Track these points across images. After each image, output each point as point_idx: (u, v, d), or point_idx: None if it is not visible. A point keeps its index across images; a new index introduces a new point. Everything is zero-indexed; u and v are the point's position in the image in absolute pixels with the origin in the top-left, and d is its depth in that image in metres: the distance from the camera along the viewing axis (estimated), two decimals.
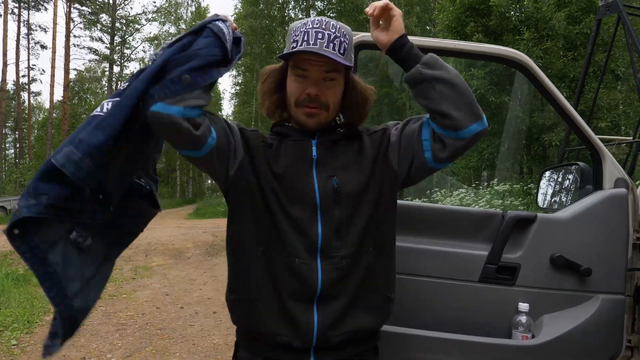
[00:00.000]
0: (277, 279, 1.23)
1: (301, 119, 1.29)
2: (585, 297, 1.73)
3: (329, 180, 1.26)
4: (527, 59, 1.79)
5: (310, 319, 1.22)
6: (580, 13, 11.07)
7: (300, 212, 1.24)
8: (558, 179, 2.30)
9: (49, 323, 1.06)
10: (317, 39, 1.21)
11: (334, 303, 1.24)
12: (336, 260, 1.24)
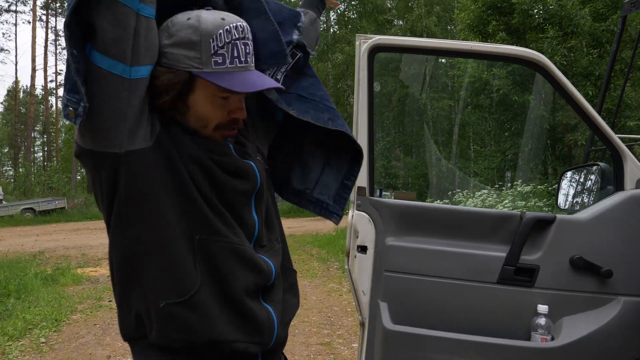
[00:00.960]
0: (223, 269, 1.00)
1: (217, 139, 1.06)
2: (606, 299, 1.71)
3: (259, 161, 1.14)
4: (544, 59, 1.77)
5: (270, 315, 1.05)
6: (605, 10, 10.84)
7: (236, 197, 1.05)
8: (579, 179, 2.27)
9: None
10: (246, 54, 1.02)
11: (276, 293, 1.10)
12: (270, 245, 1.12)
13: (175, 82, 0.99)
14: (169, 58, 0.99)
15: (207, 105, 1.02)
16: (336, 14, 29.19)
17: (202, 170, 1.01)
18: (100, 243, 11.72)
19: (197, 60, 0.98)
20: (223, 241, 1.00)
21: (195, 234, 0.99)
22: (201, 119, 1.03)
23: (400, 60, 18.19)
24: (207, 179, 1.01)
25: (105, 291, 6.64)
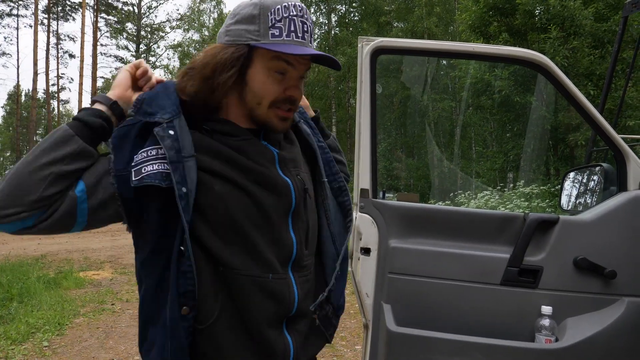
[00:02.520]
0: (244, 302, 1.01)
1: (272, 120, 1.07)
2: (610, 300, 1.70)
3: (298, 179, 1.12)
4: (546, 60, 1.77)
5: (287, 344, 1.05)
6: (607, 10, 10.84)
7: (273, 216, 1.05)
8: (582, 180, 2.26)
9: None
10: (304, 31, 1.04)
11: (301, 322, 1.10)
12: (305, 271, 1.11)
13: (236, 56, 1.02)
14: (231, 35, 1.04)
15: (264, 78, 1.04)
16: (337, 16, 29.24)
17: (234, 188, 1.02)
18: (103, 246, 11.73)
19: (255, 32, 1.02)
20: (245, 274, 1.01)
21: (219, 266, 1.00)
22: (257, 95, 1.05)
23: (401, 62, 18.20)
24: (243, 195, 1.02)
25: (107, 294, 6.64)
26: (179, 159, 0.96)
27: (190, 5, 37.28)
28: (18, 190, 0.89)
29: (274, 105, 1.06)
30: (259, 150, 1.08)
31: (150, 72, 1.09)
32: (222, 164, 1.02)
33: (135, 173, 0.96)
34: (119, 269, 8.68)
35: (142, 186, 0.96)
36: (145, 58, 34.74)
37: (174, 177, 0.95)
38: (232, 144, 1.05)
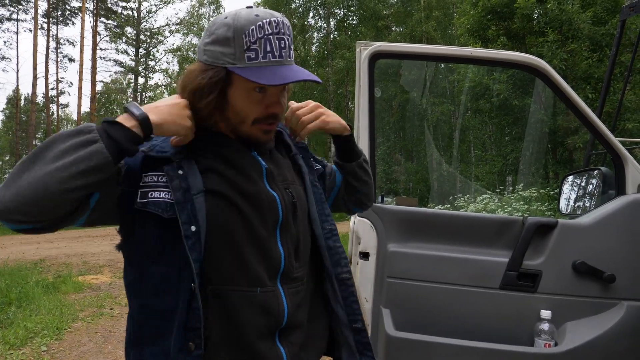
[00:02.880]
0: (234, 318, 1.02)
1: (255, 135, 1.09)
2: (610, 304, 1.70)
3: (286, 192, 1.13)
4: (544, 64, 1.78)
5: (280, 356, 1.06)
6: (605, 14, 10.88)
7: (262, 229, 1.06)
8: (580, 184, 2.26)
9: None
10: (280, 48, 1.03)
11: (295, 333, 1.10)
12: (296, 283, 1.11)
13: (215, 80, 1.03)
14: (209, 56, 1.05)
15: (244, 99, 1.05)
16: (336, 20, 29.32)
17: (225, 203, 1.03)
18: (102, 250, 11.71)
19: (231, 56, 1.02)
20: (233, 289, 1.02)
21: (207, 284, 1.01)
22: (239, 114, 1.07)
23: (400, 65, 18.24)
24: (232, 210, 1.03)
25: (106, 299, 6.62)
26: (187, 199, 0.99)
27: (190, 10, 37.41)
28: (41, 203, 0.85)
29: (257, 122, 1.07)
30: (248, 163, 1.10)
31: None
32: (214, 179, 1.04)
33: (141, 195, 0.99)
34: (118, 273, 8.67)
35: (145, 210, 0.98)
36: (145, 62, 34.83)
37: (180, 218, 0.97)
38: (225, 156, 1.08)
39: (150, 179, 1.01)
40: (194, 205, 0.99)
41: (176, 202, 0.98)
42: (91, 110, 33.75)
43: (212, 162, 1.06)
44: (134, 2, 35.05)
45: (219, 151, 1.08)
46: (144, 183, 1.00)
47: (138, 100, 34.20)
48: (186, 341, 0.97)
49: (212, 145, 1.09)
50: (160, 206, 0.99)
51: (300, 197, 1.16)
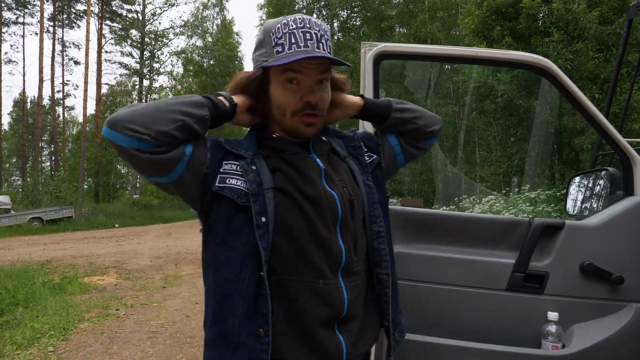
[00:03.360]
0: (297, 308, 1.11)
1: (299, 127, 1.18)
2: (618, 306, 1.69)
3: (344, 191, 1.20)
4: (551, 65, 1.77)
5: (339, 344, 1.13)
6: (611, 13, 10.81)
7: (323, 227, 1.13)
8: (587, 185, 2.25)
9: None
10: (306, 40, 1.13)
11: (353, 323, 1.17)
12: (355, 277, 1.18)
13: (253, 77, 1.18)
14: (253, 62, 1.21)
15: (280, 92, 1.17)
16: (339, 21, 29.31)
17: (292, 202, 1.13)
18: (107, 252, 11.76)
19: (265, 55, 1.16)
20: (297, 280, 1.11)
21: (272, 274, 1.11)
22: (279, 108, 1.18)
23: (404, 66, 18.21)
24: (296, 209, 1.13)
25: (112, 300, 6.64)
26: (260, 192, 1.11)
27: (194, 12, 37.49)
28: (153, 117, 1.02)
29: (296, 114, 1.17)
30: (308, 164, 1.19)
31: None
32: (280, 178, 1.15)
33: (220, 179, 1.13)
34: (124, 274, 8.69)
35: (221, 193, 1.12)
36: (149, 64, 34.93)
37: (253, 208, 1.09)
38: (286, 159, 1.19)
39: (229, 167, 1.14)
40: (264, 199, 1.10)
41: (251, 193, 1.10)
42: (97, 113, 33.93)
43: (277, 163, 1.18)
44: (138, 5, 35.20)
45: (281, 154, 1.20)
46: (223, 170, 1.14)
47: (143, 101, 34.28)
48: (256, 327, 1.07)
49: (275, 148, 1.21)
50: (236, 192, 1.11)
51: (357, 195, 1.23)
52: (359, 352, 1.19)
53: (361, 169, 1.30)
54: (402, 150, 1.40)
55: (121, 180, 42.54)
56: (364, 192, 1.25)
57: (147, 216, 26.97)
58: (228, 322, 1.10)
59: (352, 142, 1.34)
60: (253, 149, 1.19)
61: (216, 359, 1.13)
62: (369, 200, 1.26)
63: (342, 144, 1.33)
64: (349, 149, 1.33)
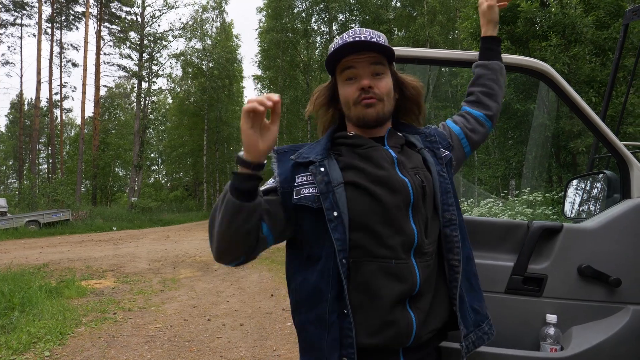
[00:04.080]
0: (373, 286, 1.22)
1: (361, 112, 1.33)
2: (616, 308, 1.69)
3: (416, 177, 1.30)
4: (548, 68, 1.77)
5: (410, 319, 1.22)
6: (608, 18, 10.87)
7: (396, 210, 1.24)
8: (585, 187, 2.25)
9: None
10: (352, 36, 1.31)
11: (423, 301, 1.26)
12: (427, 257, 1.27)
13: (326, 86, 1.44)
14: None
15: (343, 90, 1.36)
16: (338, 24, 29.37)
17: (361, 192, 1.25)
18: (105, 255, 11.73)
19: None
20: (371, 260, 1.23)
21: (350, 258, 1.23)
22: (345, 103, 1.37)
23: (403, 69, 18.26)
24: (368, 196, 1.25)
25: (109, 303, 6.63)
26: (329, 189, 1.24)
27: (193, 15, 37.55)
28: (229, 250, 1.21)
29: (356, 102, 1.33)
30: (381, 155, 1.31)
31: (263, 106, 1.15)
32: (351, 173, 1.28)
33: (296, 192, 1.26)
34: (121, 278, 8.67)
35: (299, 204, 1.25)
36: (148, 67, 34.93)
37: (323, 205, 1.22)
38: (361, 153, 1.32)
39: (301, 179, 1.28)
40: (335, 195, 1.23)
41: (320, 193, 1.24)
42: (95, 115, 33.89)
43: (350, 159, 1.31)
44: (137, 7, 35.20)
45: (356, 149, 1.33)
46: (297, 183, 1.27)
47: (142, 104, 34.25)
48: (341, 308, 1.21)
49: (351, 146, 1.35)
50: (310, 199, 1.24)
51: (428, 182, 1.32)
52: (429, 329, 1.27)
53: (436, 160, 1.39)
54: (465, 135, 1.55)
55: (119, 183, 42.53)
56: (437, 181, 1.34)
57: (145, 219, 26.93)
58: (320, 306, 1.24)
59: (428, 137, 1.45)
60: (323, 152, 1.32)
61: (314, 339, 1.25)
62: (441, 189, 1.34)
63: (419, 139, 1.43)
64: (425, 142, 1.43)
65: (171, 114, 42.58)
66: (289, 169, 1.30)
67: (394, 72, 1.42)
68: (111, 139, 38.95)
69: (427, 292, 1.27)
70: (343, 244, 1.21)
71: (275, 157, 1.34)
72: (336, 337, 1.21)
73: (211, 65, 36.37)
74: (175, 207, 36.37)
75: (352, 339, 1.20)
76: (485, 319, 1.41)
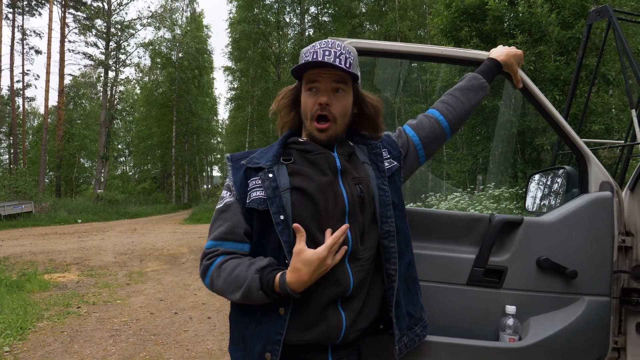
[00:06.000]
0: (310, 288, 1.28)
1: (314, 133, 1.41)
2: (572, 299, 1.75)
3: (355, 188, 1.38)
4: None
5: (340, 318, 1.32)
6: (572, 18, 11.16)
7: (332, 218, 1.32)
8: (546, 182, 2.32)
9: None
10: (324, 55, 1.36)
11: (355, 302, 1.35)
12: (361, 262, 1.35)
13: (291, 89, 1.50)
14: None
15: (304, 99, 1.43)
16: (311, 17, 29.24)
17: (304, 197, 1.33)
18: (69, 248, 11.42)
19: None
20: None
21: (288, 258, 1.29)
22: (304, 113, 1.43)
23: (374, 64, 18.35)
24: (310, 202, 1.32)
25: (73, 297, 6.47)
26: (276, 194, 1.32)
27: (162, 4, 36.73)
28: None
29: (313, 117, 1.40)
30: (327, 162, 1.38)
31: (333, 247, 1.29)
32: (298, 179, 1.35)
33: (248, 196, 1.36)
34: (86, 271, 8.47)
35: (249, 207, 1.35)
36: (115, 56, 34.02)
37: (270, 208, 1.31)
38: (309, 159, 1.39)
39: (253, 183, 1.38)
40: (281, 200, 1.31)
41: (267, 197, 1.32)
42: (59, 104, 32.84)
43: (299, 165, 1.39)
44: None
45: (306, 155, 1.41)
46: (249, 188, 1.37)
47: (108, 94, 33.36)
48: (278, 306, 1.30)
49: (301, 151, 1.42)
50: (257, 202, 1.34)
51: (369, 192, 1.40)
52: (357, 328, 1.36)
53: (378, 174, 1.46)
54: (423, 146, 1.63)
55: (85, 174, 41.38)
56: (376, 194, 1.42)
57: (111, 212, 26.33)
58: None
59: (374, 149, 1.52)
60: (273, 158, 1.40)
61: (245, 332, 1.35)
62: (381, 202, 1.42)
63: (365, 151, 1.51)
64: (370, 155, 1.50)
65: (139, 104, 41.62)
66: (242, 176, 1.40)
67: (357, 89, 1.48)
68: (76, 130, 37.79)
69: (360, 294, 1.36)
70: (289, 246, 1.29)
71: (230, 165, 1.44)
72: (267, 332, 1.30)
73: (181, 56, 35.67)
74: (143, 200, 35.68)
75: (282, 335, 1.29)
76: (418, 322, 1.53)
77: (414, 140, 1.62)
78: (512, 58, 1.77)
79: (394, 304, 1.42)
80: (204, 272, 1.36)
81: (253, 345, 1.32)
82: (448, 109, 1.66)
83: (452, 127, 1.66)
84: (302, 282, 1.23)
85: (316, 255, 1.23)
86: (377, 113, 1.53)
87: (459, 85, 1.71)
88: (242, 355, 1.36)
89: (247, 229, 1.37)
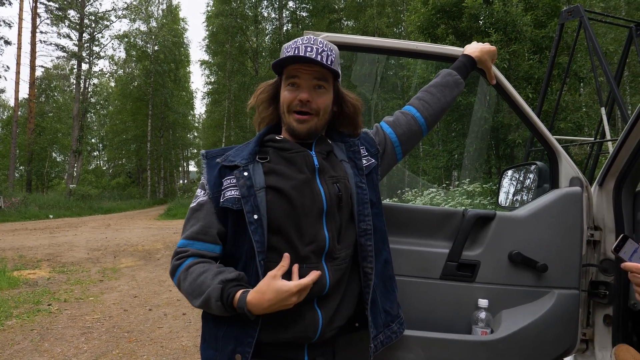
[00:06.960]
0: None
1: (293, 125, 1.39)
2: (542, 292, 1.78)
3: (333, 186, 1.37)
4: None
5: (316, 317, 1.31)
6: (545, 17, 11.37)
7: (309, 217, 1.31)
8: (518, 178, 2.35)
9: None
10: (306, 51, 1.36)
11: (332, 300, 1.34)
12: (338, 262, 1.35)
13: (271, 84, 1.49)
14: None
15: (284, 93, 1.42)
16: (289, 11, 29.10)
17: (280, 196, 1.31)
18: (40, 244, 11.15)
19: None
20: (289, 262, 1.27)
21: (271, 263, 1.27)
22: (282, 106, 1.42)
23: (352, 59, 18.37)
24: (286, 201, 1.31)
25: (44, 295, 6.32)
26: (250, 193, 1.30)
27: None
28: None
29: (291, 110, 1.39)
30: (304, 161, 1.37)
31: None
32: (274, 178, 1.34)
33: (222, 195, 1.34)
34: (57, 268, 8.29)
35: (223, 206, 1.33)
36: (89, 48, 33.26)
37: (244, 208, 1.28)
38: (286, 157, 1.38)
39: (227, 182, 1.35)
40: (256, 199, 1.29)
41: (242, 196, 1.30)
42: (30, 97, 31.97)
43: (275, 163, 1.37)
44: None
45: (283, 153, 1.39)
46: (224, 187, 1.34)
47: (81, 87, 32.60)
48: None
49: (278, 149, 1.40)
50: (231, 201, 1.31)
51: (346, 191, 1.39)
52: (333, 326, 1.35)
53: (356, 172, 1.45)
54: (400, 143, 1.62)
55: (56, 169, 40.46)
56: (354, 193, 1.41)
57: (84, 207, 25.78)
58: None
59: (352, 147, 1.51)
60: (249, 156, 1.38)
61: (217, 332, 1.34)
62: (358, 200, 1.41)
63: (343, 148, 1.50)
64: (348, 153, 1.49)
65: (114, 98, 40.83)
66: (216, 175, 1.38)
67: (338, 87, 1.47)
68: (48, 123, 36.87)
69: (337, 293, 1.36)
70: (262, 246, 1.27)
71: (205, 162, 1.42)
72: (238, 333, 1.29)
73: (156, 49, 35.09)
74: (117, 195, 35.05)
75: (254, 338, 1.28)
76: (395, 319, 1.53)
77: (391, 137, 1.61)
78: (485, 54, 1.78)
79: (370, 302, 1.42)
80: (173, 272, 1.35)
81: (224, 345, 1.31)
82: (424, 105, 1.67)
83: (428, 124, 1.67)
84: (261, 306, 1.21)
85: (286, 287, 1.20)
86: (356, 112, 1.53)
87: (434, 81, 1.72)
88: (212, 354, 1.34)
89: (221, 229, 1.35)
